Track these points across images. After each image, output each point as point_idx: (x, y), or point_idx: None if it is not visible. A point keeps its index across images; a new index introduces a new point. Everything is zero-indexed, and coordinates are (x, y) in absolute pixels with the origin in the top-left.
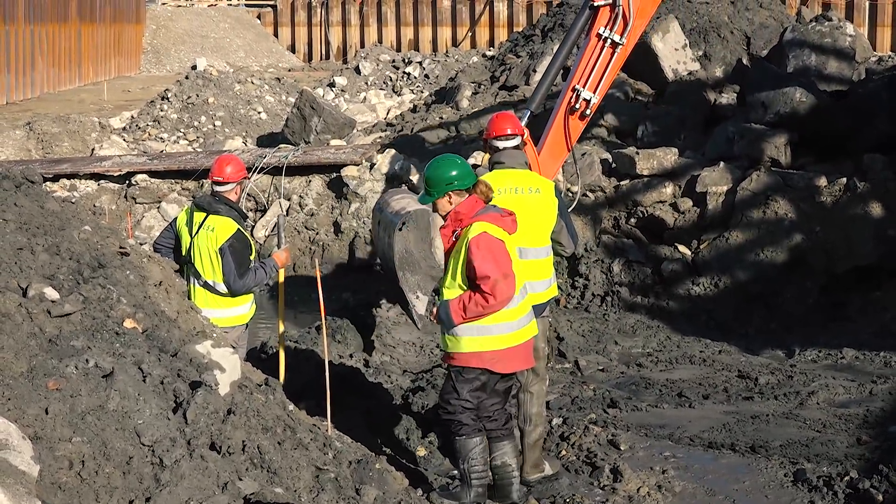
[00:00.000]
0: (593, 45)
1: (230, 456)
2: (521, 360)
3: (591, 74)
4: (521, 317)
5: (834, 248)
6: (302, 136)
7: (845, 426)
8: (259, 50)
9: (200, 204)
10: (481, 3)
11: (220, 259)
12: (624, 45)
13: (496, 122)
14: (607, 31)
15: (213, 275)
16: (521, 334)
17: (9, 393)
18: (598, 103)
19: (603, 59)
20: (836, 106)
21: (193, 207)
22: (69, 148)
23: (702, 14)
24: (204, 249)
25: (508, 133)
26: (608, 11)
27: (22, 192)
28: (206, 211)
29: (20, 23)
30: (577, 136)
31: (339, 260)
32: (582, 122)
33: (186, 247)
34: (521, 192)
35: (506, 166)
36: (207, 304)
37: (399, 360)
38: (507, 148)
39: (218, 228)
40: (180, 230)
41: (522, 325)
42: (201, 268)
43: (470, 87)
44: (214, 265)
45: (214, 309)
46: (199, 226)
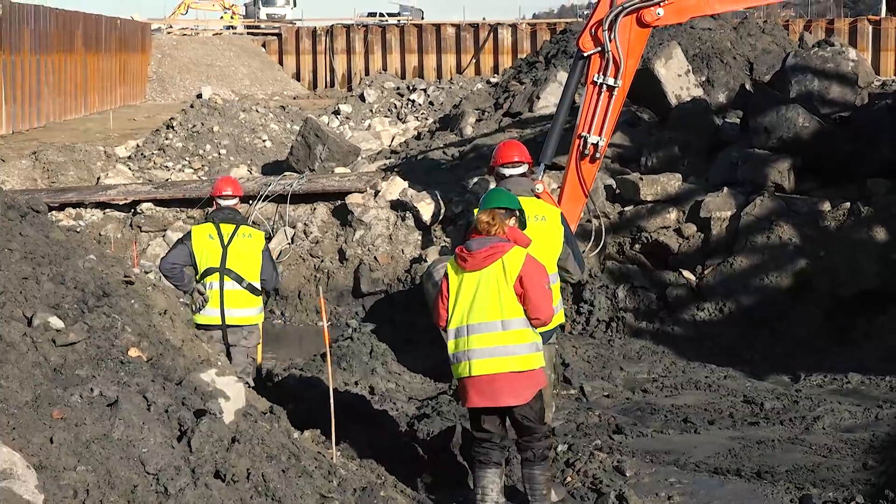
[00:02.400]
0: (591, 93)
1: (235, 484)
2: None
3: (594, 119)
4: (453, 352)
5: (838, 273)
6: (307, 164)
7: (851, 451)
8: (264, 78)
9: (225, 218)
10: (485, 30)
11: (261, 261)
12: (620, 87)
13: (503, 150)
14: (601, 77)
15: (253, 276)
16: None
17: (13, 422)
18: (605, 145)
19: (602, 104)
20: (839, 131)
21: (217, 222)
22: (75, 177)
23: (704, 40)
24: (246, 254)
25: (515, 161)
26: (599, 58)
27: (27, 221)
28: (234, 223)
29: (26, 53)
30: (591, 180)
31: (344, 287)
32: (593, 165)
33: (219, 256)
34: (527, 219)
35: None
36: (244, 304)
37: (404, 388)
38: (513, 175)
39: (255, 235)
40: (204, 246)
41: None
42: (244, 271)
43: (474, 113)
44: (256, 267)
45: (249, 308)
46: (232, 235)
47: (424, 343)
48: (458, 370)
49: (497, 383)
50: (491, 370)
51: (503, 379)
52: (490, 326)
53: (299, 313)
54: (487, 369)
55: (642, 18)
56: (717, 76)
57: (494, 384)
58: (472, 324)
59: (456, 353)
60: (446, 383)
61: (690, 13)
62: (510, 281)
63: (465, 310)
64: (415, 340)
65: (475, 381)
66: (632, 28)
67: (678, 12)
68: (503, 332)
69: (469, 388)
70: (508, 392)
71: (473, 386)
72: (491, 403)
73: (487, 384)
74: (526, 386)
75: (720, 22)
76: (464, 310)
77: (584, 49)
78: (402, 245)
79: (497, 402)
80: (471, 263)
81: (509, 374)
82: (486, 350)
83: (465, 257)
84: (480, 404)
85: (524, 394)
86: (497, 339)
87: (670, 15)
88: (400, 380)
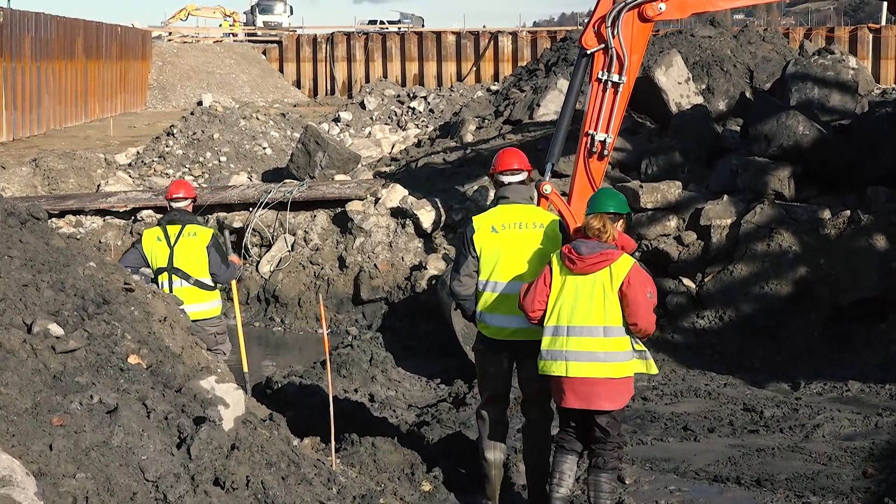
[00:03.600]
0: (596, 90)
1: (234, 491)
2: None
3: (601, 117)
4: (548, 349)
5: (838, 281)
6: (307, 171)
7: (851, 459)
8: (264, 85)
9: (172, 219)
10: (486, 38)
11: (207, 256)
12: (625, 83)
13: (502, 157)
14: (605, 74)
15: (201, 272)
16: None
17: (13, 429)
18: (613, 142)
19: (608, 100)
20: (839, 138)
21: (164, 224)
22: (75, 184)
23: (705, 48)
24: (190, 252)
25: (515, 168)
26: (602, 55)
27: (27, 228)
28: (180, 223)
29: (27, 60)
30: (600, 177)
31: (343, 295)
32: (602, 162)
33: (166, 256)
34: (524, 227)
35: (510, 201)
36: (196, 300)
37: (404, 395)
38: (512, 183)
39: (199, 233)
40: (152, 248)
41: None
42: (190, 269)
43: (474, 121)
44: (202, 263)
45: (202, 303)
46: (178, 235)
47: (424, 351)
48: (550, 367)
49: (595, 387)
50: (589, 374)
51: (601, 384)
52: (592, 331)
53: (299, 320)
54: (585, 372)
55: (644, 13)
56: (718, 84)
57: (592, 388)
58: (574, 326)
59: (552, 350)
60: (446, 391)
61: (692, 9)
62: (615, 288)
63: (568, 310)
64: (414, 348)
65: (572, 382)
66: (634, 23)
67: (680, 7)
68: (604, 339)
69: (565, 388)
70: (605, 397)
71: (569, 386)
72: (586, 406)
73: (584, 387)
74: (621, 392)
75: (720, 30)
76: (565, 310)
77: (587, 46)
78: (403, 252)
79: (592, 405)
80: (579, 267)
81: (606, 380)
82: (586, 353)
83: (573, 259)
84: (575, 405)
85: (619, 399)
86: (598, 344)
87: (672, 10)
88: (400, 387)
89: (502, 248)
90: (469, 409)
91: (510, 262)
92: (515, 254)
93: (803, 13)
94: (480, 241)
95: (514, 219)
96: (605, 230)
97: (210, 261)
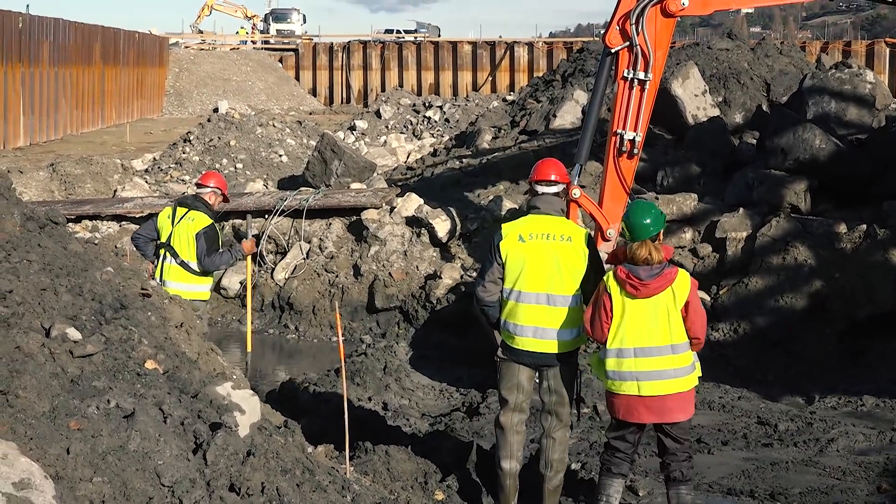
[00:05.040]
0: (622, 89)
1: (249, 498)
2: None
3: (628, 115)
4: (615, 370)
5: (853, 295)
6: (322, 179)
7: (865, 474)
8: (280, 93)
9: (183, 202)
10: (502, 48)
11: (195, 242)
12: (651, 80)
13: (540, 167)
14: (631, 72)
15: (188, 255)
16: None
17: (31, 433)
18: (642, 140)
19: (635, 98)
20: (855, 153)
21: (176, 204)
22: (92, 189)
23: (722, 60)
24: (183, 235)
25: (551, 179)
26: (627, 53)
27: (46, 233)
28: (187, 207)
29: (44, 65)
30: (631, 176)
31: (358, 303)
32: (632, 161)
33: (168, 233)
34: (552, 238)
35: (540, 212)
36: (179, 279)
37: (418, 404)
38: (546, 194)
39: (196, 219)
40: (162, 223)
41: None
42: (179, 249)
43: (490, 131)
44: (190, 247)
45: (185, 283)
46: (182, 217)
47: (438, 360)
48: (619, 387)
49: (667, 402)
50: (662, 391)
51: (673, 399)
52: (661, 350)
53: (313, 328)
54: (659, 391)
55: (667, 8)
56: (734, 96)
57: (664, 403)
58: (642, 347)
59: (619, 371)
60: (459, 400)
61: (715, 6)
62: (679, 306)
63: (634, 333)
64: (429, 357)
65: (644, 400)
66: (657, 19)
67: (703, 4)
68: (673, 356)
69: (637, 405)
70: (677, 409)
71: (642, 404)
72: (660, 420)
73: (657, 402)
74: (689, 402)
75: (737, 42)
76: (631, 332)
77: (612, 45)
78: (417, 261)
79: (665, 419)
80: (643, 293)
81: (678, 394)
82: (656, 372)
83: (636, 286)
84: (650, 420)
85: (689, 409)
86: (667, 362)
87: (695, 6)
88: (413, 396)
89: (527, 258)
90: (482, 419)
91: (534, 272)
92: (540, 265)
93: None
94: (506, 249)
95: (542, 229)
96: (653, 257)
97: (197, 247)
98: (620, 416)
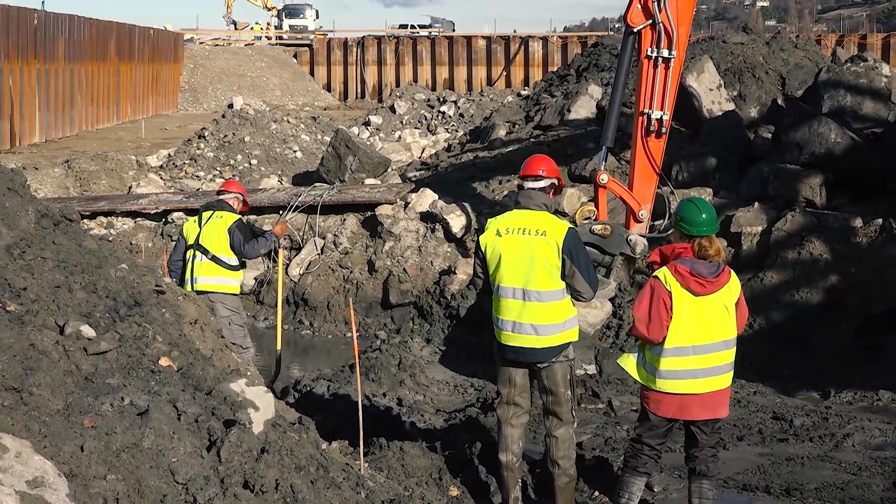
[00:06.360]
0: (647, 68)
1: (263, 495)
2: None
3: (654, 94)
4: (672, 369)
5: (869, 290)
6: (337, 175)
7: (881, 469)
8: (295, 89)
9: (209, 206)
10: (516, 43)
11: (228, 237)
12: (676, 57)
13: (529, 162)
14: (655, 51)
15: (220, 250)
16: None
17: (45, 430)
18: (669, 119)
19: (660, 77)
20: (871, 146)
21: (202, 210)
22: (106, 185)
23: (737, 54)
24: (214, 232)
25: (537, 174)
26: (650, 31)
27: (60, 230)
28: (213, 209)
29: (60, 62)
30: (660, 156)
31: (373, 298)
32: (660, 140)
33: (195, 235)
34: (527, 233)
35: (521, 206)
36: (210, 273)
37: (432, 400)
38: (531, 188)
39: (225, 216)
40: (189, 230)
41: (673, 378)
42: (211, 246)
43: (504, 126)
44: (222, 242)
45: (215, 277)
46: (209, 219)
47: (452, 355)
48: (674, 386)
49: (719, 397)
50: (718, 386)
51: (724, 394)
52: (719, 346)
53: (328, 324)
54: (715, 386)
55: None
56: (750, 90)
57: (716, 399)
58: (702, 344)
59: (677, 370)
60: (474, 395)
61: None
62: (734, 302)
63: (692, 330)
64: (443, 352)
65: (701, 397)
66: None
67: None
68: (727, 352)
69: (691, 403)
70: (725, 404)
71: (698, 401)
72: (712, 415)
73: (712, 399)
74: (730, 396)
75: (752, 36)
76: (689, 330)
77: (634, 24)
78: (432, 257)
79: (717, 414)
80: (708, 290)
81: (727, 389)
82: (714, 368)
83: (703, 283)
84: (703, 417)
85: (728, 403)
86: (724, 357)
87: None
88: (428, 392)
89: (503, 253)
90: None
91: (510, 267)
92: (514, 259)
93: (835, 20)
94: (486, 243)
95: (519, 224)
96: (720, 252)
97: (232, 240)
98: (670, 414)
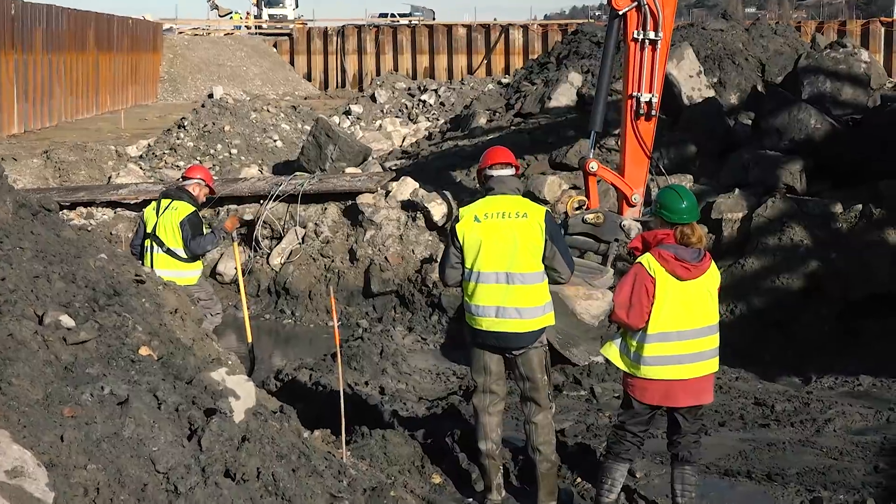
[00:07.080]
0: (633, 50)
1: (245, 483)
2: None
3: (642, 77)
4: (656, 355)
5: (850, 275)
6: (317, 164)
7: (862, 454)
8: (275, 78)
9: (167, 193)
10: (497, 31)
11: (180, 230)
12: (662, 38)
13: (490, 153)
14: (641, 33)
15: (174, 243)
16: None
17: (24, 420)
18: (658, 101)
19: (647, 59)
20: (851, 132)
21: (161, 197)
22: (86, 176)
23: (716, 41)
24: (168, 224)
25: (503, 162)
26: (635, 14)
27: (38, 220)
28: (171, 198)
29: (38, 52)
30: (651, 139)
31: (354, 287)
32: (650, 122)
33: (153, 224)
34: (507, 216)
35: (495, 192)
36: (167, 267)
37: (415, 388)
38: (501, 175)
39: (179, 208)
40: (148, 216)
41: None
42: (165, 238)
43: (485, 114)
44: (176, 235)
45: (175, 270)
46: (166, 208)
47: (434, 343)
48: (659, 372)
49: (702, 384)
50: (702, 372)
51: (708, 380)
52: (704, 331)
53: (310, 313)
54: (700, 372)
55: None
56: (729, 77)
57: (701, 384)
58: (686, 330)
59: (660, 356)
60: (456, 383)
61: None
62: (716, 286)
63: (676, 316)
64: (425, 341)
65: (686, 383)
66: None
67: None
68: (711, 336)
69: (677, 389)
70: (709, 389)
71: (684, 387)
72: (696, 402)
73: (697, 385)
74: (713, 382)
75: (732, 23)
76: (673, 316)
77: (619, 7)
78: (413, 245)
79: (702, 400)
80: (693, 274)
81: (712, 375)
82: (699, 353)
83: (688, 267)
84: (687, 403)
85: (712, 388)
86: (708, 343)
87: None
88: (410, 380)
89: (484, 238)
90: None
91: (491, 251)
92: (497, 243)
93: (815, 7)
94: (463, 230)
95: (497, 208)
96: (702, 239)
97: (182, 234)
98: (655, 401)
